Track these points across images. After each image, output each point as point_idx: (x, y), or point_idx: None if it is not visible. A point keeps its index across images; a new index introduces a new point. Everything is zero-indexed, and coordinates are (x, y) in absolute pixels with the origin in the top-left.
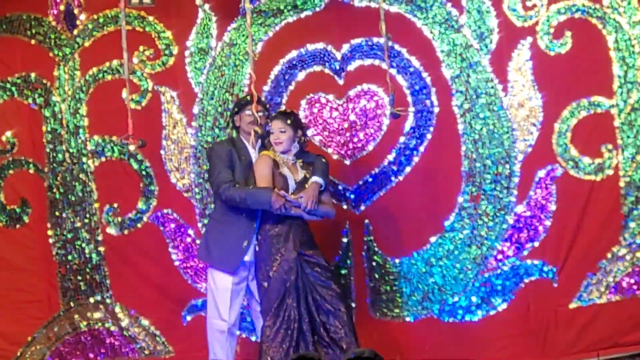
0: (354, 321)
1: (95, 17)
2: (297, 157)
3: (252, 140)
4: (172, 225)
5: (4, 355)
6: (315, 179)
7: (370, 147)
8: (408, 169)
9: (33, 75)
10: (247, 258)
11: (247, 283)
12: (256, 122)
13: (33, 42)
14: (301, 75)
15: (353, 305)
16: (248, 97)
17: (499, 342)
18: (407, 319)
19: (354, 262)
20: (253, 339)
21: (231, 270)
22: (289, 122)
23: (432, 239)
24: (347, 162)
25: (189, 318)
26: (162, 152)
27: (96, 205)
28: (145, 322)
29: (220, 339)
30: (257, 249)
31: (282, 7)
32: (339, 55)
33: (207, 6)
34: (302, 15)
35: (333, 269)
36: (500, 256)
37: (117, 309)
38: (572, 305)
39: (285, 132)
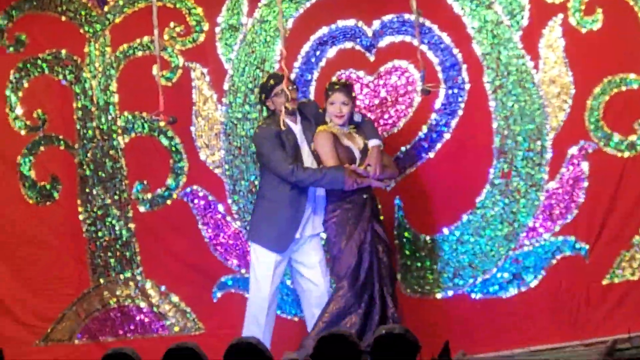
0: None
1: None
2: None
3: (282, 119)
4: (202, 202)
5: (35, 331)
6: (375, 142)
7: (401, 124)
8: (439, 146)
9: (63, 51)
10: (297, 235)
11: (290, 259)
12: (287, 99)
13: (63, 18)
14: (332, 52)
15: None
16: (272, 82)
17: (531, 319)
18: (438, 295)
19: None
20: (284, 315)
21: (283, 250)
22: (352, 94)
23: (463, 216)
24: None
25: (219, 295)
26: (192, 128)
27: (126, 181)
28: (175, 298)
29: (259, 317)
30: (326, 218)
31: None
32: (369, 32)
33: None
34: None
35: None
36: (531, 233)
37: (148, 286)
38: (605, 282)
39: (347, 105)
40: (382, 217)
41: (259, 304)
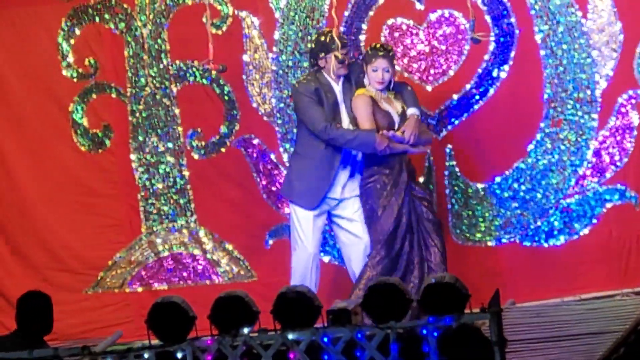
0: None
1: None
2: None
3: (332, 68)
4: (255, 150)
5: (85, 279)
6: (413, 111)
7: (451, 73)
8: (490, 94)
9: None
10: (337, 196)
11: (329, 213)
12: (337, 47)
13: None
14: (381, 0)
15: None
16: (336, 42)
17: (581, 267)
18: (489, 243)
19: (436, 187)
20: (326, 260)
21: (312, 207)
22: (393, 60)
23: (514, 164)
24: (429, 87)
25: (271, 242)
26: (243, 77)
27: (179, 129)
28: (229, 246)
29: (304, 270)
30: (362, 183)
31: None
32: None
33: None
34: None
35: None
36: (582, 181)
37: (201, 233)
38: None
39: (389, 72)
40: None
41: (303, 262)
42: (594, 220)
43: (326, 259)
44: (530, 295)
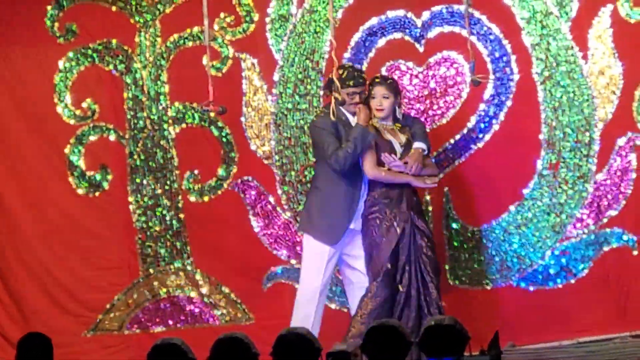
0: None
1: None
2: (394, 121)
3: (332, 107)
4: (253, 193)
5: (84, 321)
6: (418, 144)
7: (449, 115)
8: (487, 137)
9: (114, 41)
10: (352, 226)
11: (340, 251)
12: (337, 90)
13: (114, 8)
14: (381, 42)
15: None
16: (349, 80)
17: (578, 310)
18: (486, 286)
19: (433, 229)
20: (333, 306)
21: (335, 242)
22: (391, 87)
23: (511, 207)
24: (427, 129)
25: (269, 285)
26: (242, 119)
27: (177, 172)
28: (225, 289)
29: (308, 308)
30: (365, 213)
31: None
32: (419, 22)
33: None
34: None
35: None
36: (579, 224)
37: (198, 276)
38: None
39: (388, 99)
40: (428, 210)
41: (309, 296)
42: (592, 263)
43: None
44: (528, 338)
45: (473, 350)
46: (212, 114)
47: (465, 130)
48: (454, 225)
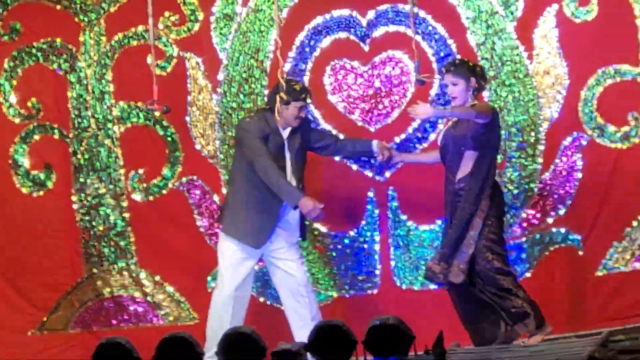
0: None
1: None
2: None
3: (277, 108)
4: (197, 192)
5: (32, 320)
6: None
7: (394, 114)
8: (432, 136)
9: (58, 40)
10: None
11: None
12: (282, 89)
13: (58, 7)
14: (326, 42)
15: (378, 273)
16: (303, 92)
17: None
18: (432, 286)
19: (379, 230)
20: (276, 305)
21: (260, 245)
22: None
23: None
24: (372, 129)
25: (213, 285)
26: (187, 118)
27: (121, 171)
28: (170, 288)
29: (221, 308)
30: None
31: None
32: (364, 22)
33: None
34: None
35: None
36: (525, 224)
37: (142, 275)
38: (598, 274)
39: (457, 85)
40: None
41: (223, 299)
42: (537, 263)
43: (262, 299)
44: None
45: (418, 349)
46: (156, 113)
47: (410, 130)
48: (400, 225)
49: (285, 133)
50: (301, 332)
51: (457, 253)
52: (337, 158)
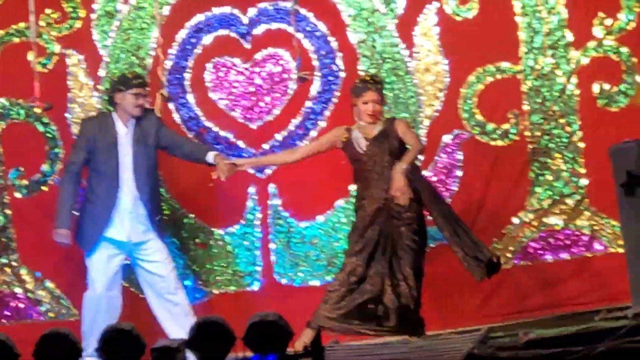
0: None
1: None
2: None
3: (158, 105)
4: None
5: None
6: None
7: (276, 111)
8: (314, 133)
9: None
10: (117, 236)
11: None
12: (162, 84)
13: None
14: (207, 39)
15: (259, 269)
16: (136, 79)
17: None
18: (312, 283)
19: (260, 227)
20: (142, 295)
21: (88, 249)
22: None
23: (337, 203)
24: (253, 126)
25: None
26: (67, 115)
27: (2, 168)
28: (50, 285)
29: (93, 310)
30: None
31: None
32: (245, 19)
33: None
34: None
35: None
36: None
37: (23, 272)
38: None
39: (376, 102)
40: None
41: (92, 301)
42: None
43: (142, 295)
44: (353, 335)
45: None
46: (37, 110)
47: (291, 127)
48: (280, 222)
49: (126, 129)
50: (171, 331)
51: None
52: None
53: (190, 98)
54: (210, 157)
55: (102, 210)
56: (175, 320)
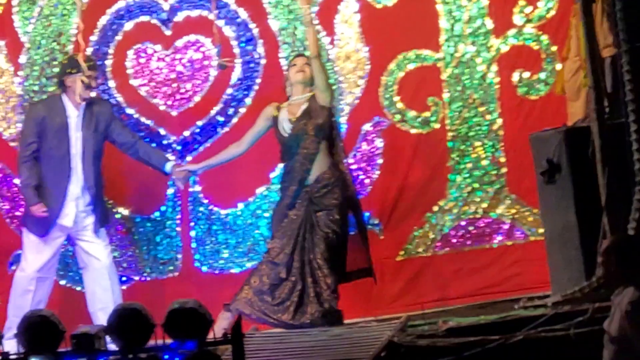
0: None
1: None
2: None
3: (78, 91)
4: None
5: None
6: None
7: (197, 98)
8: (235, 120)
9: None
10: (64, 222)
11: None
12: (84, 72)
13: None
14: (128, 26)
15: (179, 257)
16: (87, 61)
17: None
18: (233, 270)
19: (181, 213)
20: (78, 289)
21: (41, 234)
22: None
23: (258, 191)
24: (174, 113)
25: (14, 267)
26: None
27: None
28: None
29: (21, 291)
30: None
31: None
32: (166, 6)
33: None
34: None
35: None
36: None
37: None
38: (398, 258)
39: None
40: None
41: (22, 282)
42: None
43: (62, 282)
44: (270, 326)
45: (216, 334)
46: None
47: (212, 114)
48: (201, 209)
49: (76, 112)
50: (102, 316)
51: None
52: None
53: (112, 84)
54: (168, 167)
55: (55, 199)
56: (104, 305)
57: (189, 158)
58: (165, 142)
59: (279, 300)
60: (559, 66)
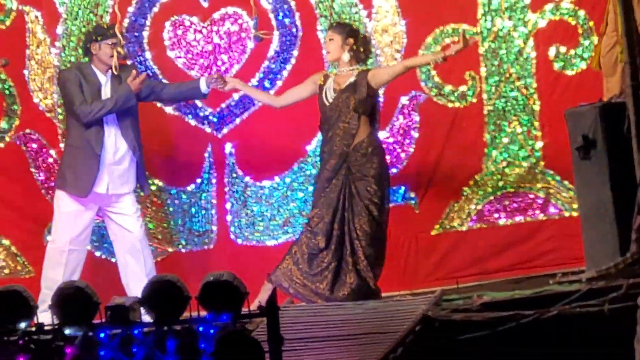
0: None
1: None
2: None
3: (114, 62)
4: (34, 145)
5: None
6: None
7: (233, 70)
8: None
9: None
10: (98, 190)
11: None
12: (120, 43)
13: None
14: None
15: (214, 229)
16: (111, 29)
17: None
18: (268, 242)
19: (216, 186)
20: (113, 260)
21: (83, 194)
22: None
23: (295, 164)
24: None
25: (49, 238)
26: (25, 71)
27: None
28: (5, 241)
29: (54, 263)
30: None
31: None
32: None
33: None
34: None
35: None
36: None
37: None
38: (434, 232)
39: (333, 41)
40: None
41: (55, 254)
42: None
43: (98, 253)
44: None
45: (251, 306)
46: None
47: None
48: (237, 181)
49: (105, 78)
50: (134, 288)
51: None
52: (169, 108)
53: (148, 56)
54: (203, 82)
55: (90, 167)
56: (137, 277)
57: (225, 130)
58: (201, 114)
59: (318, 270)
60: (596, 41)
